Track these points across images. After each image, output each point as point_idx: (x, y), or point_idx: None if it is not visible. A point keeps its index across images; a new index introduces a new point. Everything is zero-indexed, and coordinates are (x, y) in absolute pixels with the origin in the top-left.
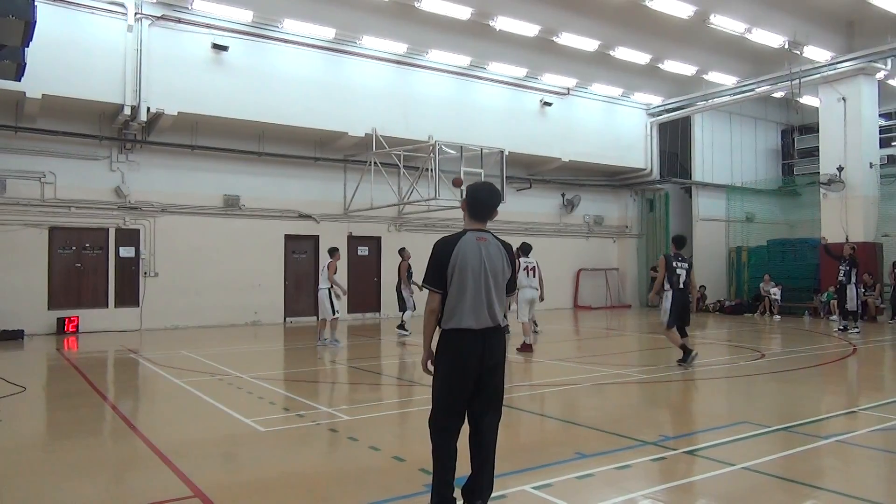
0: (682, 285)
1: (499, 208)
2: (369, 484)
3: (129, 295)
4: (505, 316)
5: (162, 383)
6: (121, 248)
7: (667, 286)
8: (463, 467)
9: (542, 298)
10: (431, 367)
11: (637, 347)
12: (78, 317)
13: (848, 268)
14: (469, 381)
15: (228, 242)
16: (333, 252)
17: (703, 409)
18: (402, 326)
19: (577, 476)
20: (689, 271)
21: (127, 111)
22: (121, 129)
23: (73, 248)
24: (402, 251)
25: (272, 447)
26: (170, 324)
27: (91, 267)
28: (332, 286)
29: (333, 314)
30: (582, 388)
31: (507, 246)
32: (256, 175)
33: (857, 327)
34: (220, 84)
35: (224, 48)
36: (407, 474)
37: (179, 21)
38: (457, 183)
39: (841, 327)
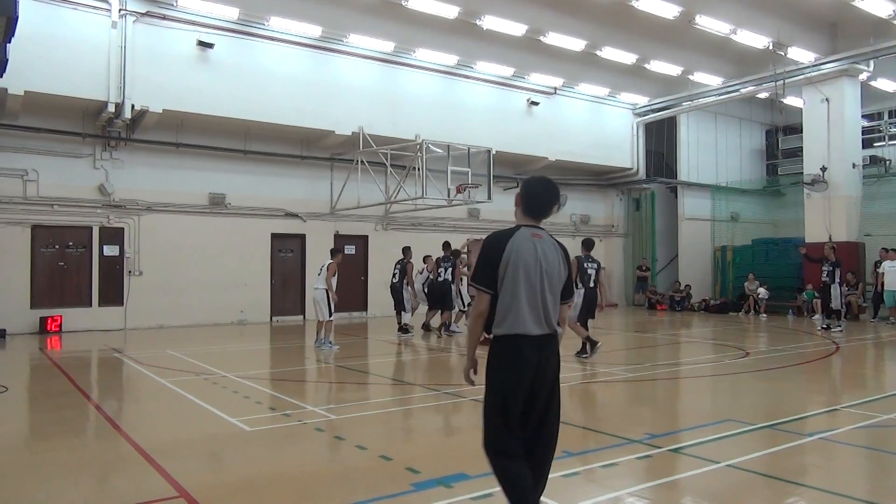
0: (592, 283)
1: (485, 207)
2: (356, 483)
3: (113, 294)
4: (558, 323)
5: (146, 383)
6: (105, 247)
7: (579, 285)
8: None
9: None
10: (473, 377)
11: (623, 346)
12: (61, 316)
13: (831, 268)
14: (524, 393)
15: (214, 241)
16: (335, 253)
17: (689, 407)
18: (404, 329)
19: (563, 474)
20: (598, 271)
21: (111, 108)
22: (104, 127)
23: (56, 246)
24: (406, 250)
25: (258, 447)
26: (154, 323)
27: (74, 266)
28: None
29: (329, 316)
30: (568, 387)
31: (563, 248)
32: (242, 173)
33: (839, 326)
34: (206, 81)
35: (210, 45)
36: (393, 473)
37: (164, 18)
38: (460, 189)
39: (824, 326)
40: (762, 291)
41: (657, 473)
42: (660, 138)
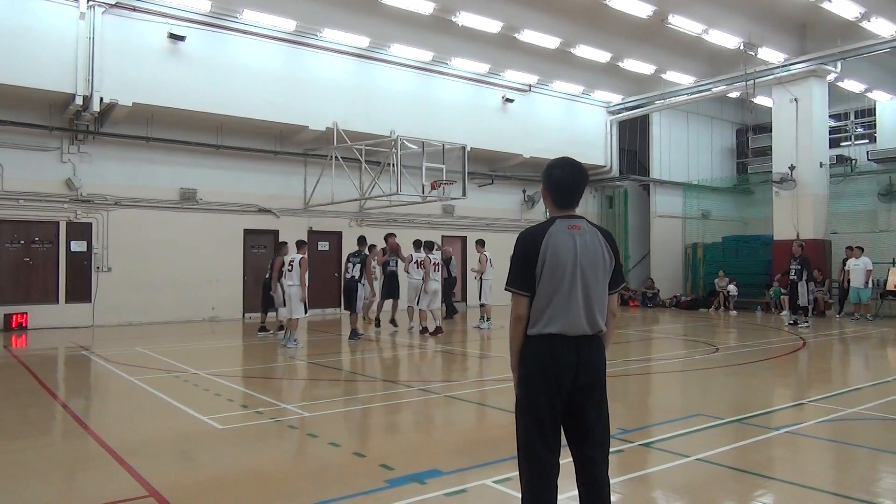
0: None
1: (460, 204)
2: (329, 480)
3: (80, 290)
4: (606, 323)
5: (115, 381)
6: (72, 242)
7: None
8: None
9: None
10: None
11: None
12: (27, 313)
13: (799, 266)
14: (560, 400)
15: (185, 237)
16: (302, 245)
17: (660, 402)
18: (355, 334)
19: None
20: (360, 266)
21: (79, 101)
22: (72, 120)
23: (22, 241)
24: (362, 240)
25: (230, 445)
26: (123, 320)
27: (40, 261)
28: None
29: (304, 313)
30: None
31: (606, 233)
32: (214, 168)
33: (807, 322)
34: (177, 75)
35: (181, 38)
36: (367, 470)
37: (134, 9)
38: (435, 186)
39: (791, 322)
40: (732, 288)
41: (629, 468)
42: (633, 136)
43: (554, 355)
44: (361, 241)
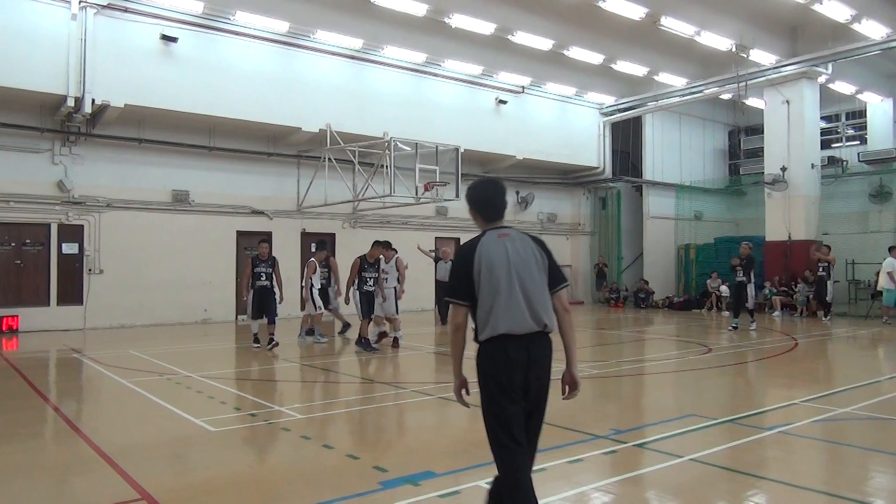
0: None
1: (453, 205)
2: (322, 483)
3: (72, 293)
4: (559, 320)
5: (107, 384)
6: (63, 244)
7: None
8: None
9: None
10: (466, 397)
11: (589, 343)
12: (18, 316)
13: (744, 267)
14: (519, 395)
15: (177, 238)
16: (321, 247)
17: (653, 402)
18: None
19: None
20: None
21: (70, 103)
22: (64, 122)
23: (13, 243)
24: (321, 244)
25: (223, 447)
26: (116, 322)
27: (32, 264)
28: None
29: (315, 310)
30: None
31: (536, 238)
32: (207, 170)
33: (753, 325)
34: (169, 76)
35: (173, 39)
36: (361, 472)
37: (126, 10)
38: (428, 187)
39: (733, 326)
40: (724, 289)
41: (622, 468)
42: (626, 138)
43: (506, 354)
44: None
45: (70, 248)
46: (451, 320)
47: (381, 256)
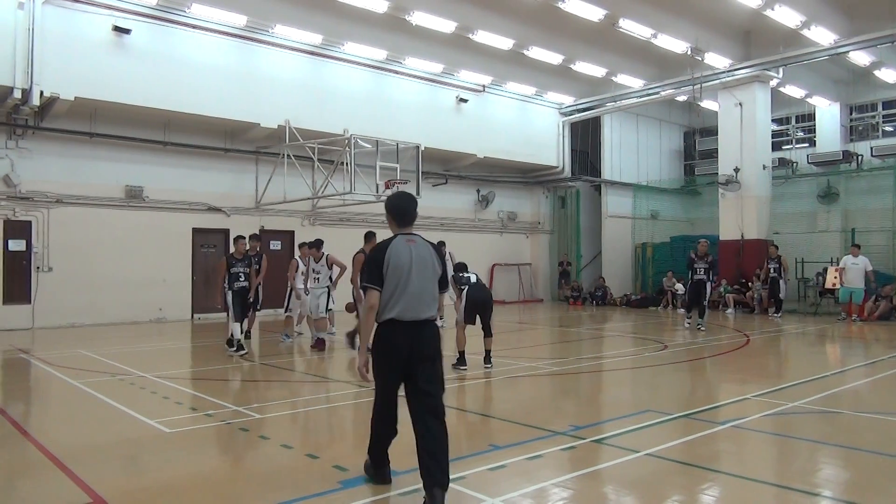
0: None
1: (418, 203)
2: (282, 483)
3: (19, 291)
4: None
5: (56, 385)
6: (10, 241)
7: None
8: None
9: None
10: (368, 373)
11: (548, 341)
12: None
13: (708, 266)
14: (399, 368)
15: (131, 236)
16: (301, 247)
17: (610, 398)
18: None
19: (490, 468)
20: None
21: (17, 94)
22: (10, 114)
23: None
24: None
25: (179, 449)
26: (66, 321)
27: None
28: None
29: (285, 311)
30: (495, 381)
31: (435, 246)
32: (161, 165)
33: (701, 323)
34: (122, 69)
35: (126, 31)
36: (321, 472)
37: (77, 0)
38: (389, 185)
39: (689, 323)
40: (680, 287)
41: (581, 464)
42: (584, 138)
43: (394, 335)
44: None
45: (17, 245)
46: (367, 302)
47: (311, 256)
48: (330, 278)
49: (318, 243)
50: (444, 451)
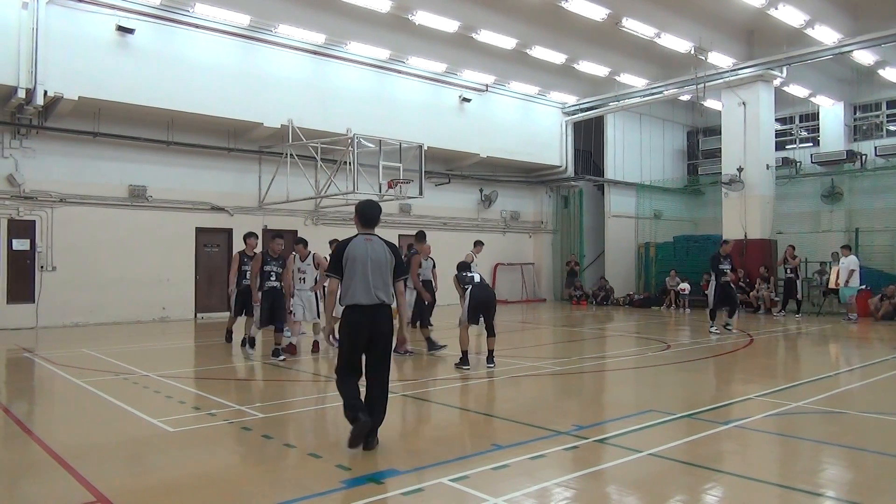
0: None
1: (417, 203)
2: (284, 482)
3: (23, 290)
4: (393, 296)
5: (60, 384)
6: (14, 241)
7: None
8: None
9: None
10: (333, 340)
11: (551, 340)
12: None
13: (732, 266)
14: (362, 342)
15: (134, 235)
16: (298, 243)
17: (613, 398)
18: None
19: (492, 467)
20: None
21: (21, 94)
22: (14, 114)
23: None
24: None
25: (182, 448)
26: (69, 321)
27: None
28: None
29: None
30: (498, 381)
31: (390, 243)
32: (165, 165)
33: (730, 323)
34: (126, 68)
35: (130, 31)
36: (323, 471)
37: (81, 0)
38: (392, 185)
39: (718, 329)
40: (686, 286)
41: (583, 464)
42: (587, 137)
43: (356, 317)
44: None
45: (21, 245)
46: (328, 287)
47: (297, 255)
48: (315, 279)
49: (302, 241)
50: (382, 402)
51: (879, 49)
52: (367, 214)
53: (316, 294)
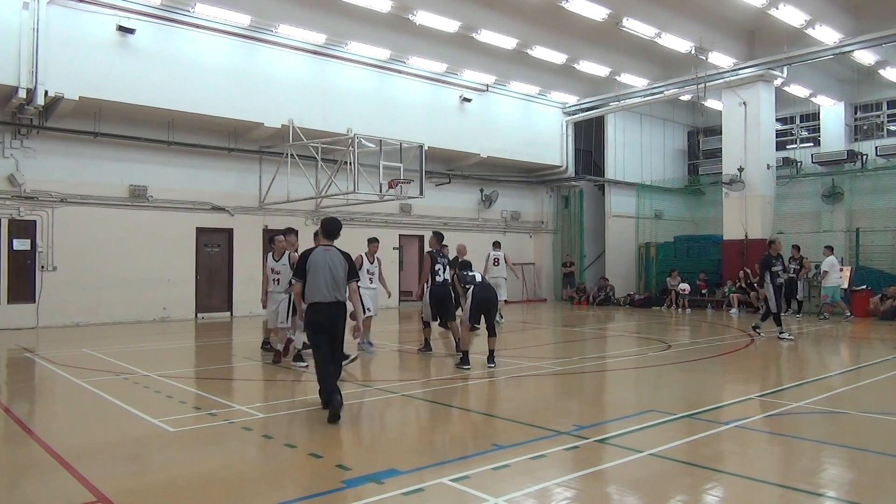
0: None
1: (417, 203)
2: (285, 482)
3: (23, 290)
4: (349, 297)
5: (61, 384)
6: (14, 241)
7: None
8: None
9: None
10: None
11: (552, 340)
12: None
13: (783, 265)
14: (324, 332)
15: (134, 235)
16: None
17: (614, 398)
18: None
19: (493, 467)
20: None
21: (22, 94)
22: (14, 114)
23: None
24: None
25: (183, 448)
26: (70, 321)
27: None
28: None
29: (365, 312)
30: (499, 381)
31: (345, 254)
32: (165, 165)
33: (759, 326)
34: (127, 69)
35: (130, 31)
36: (324, 471)
37: (81, 0)
38: (392, 185)
39: (787, 335)
40: (683, 287)
41: (584, 464)
42: (588, 137)
43: (317, 313)
44: (440, 236)
45: (22, 245)
46: (294, 289)
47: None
48: (290, 282)
49: (293, 232)
50: (338, 370)
51: (880, 49)
52: (329, 228)
53: (289, 297)
